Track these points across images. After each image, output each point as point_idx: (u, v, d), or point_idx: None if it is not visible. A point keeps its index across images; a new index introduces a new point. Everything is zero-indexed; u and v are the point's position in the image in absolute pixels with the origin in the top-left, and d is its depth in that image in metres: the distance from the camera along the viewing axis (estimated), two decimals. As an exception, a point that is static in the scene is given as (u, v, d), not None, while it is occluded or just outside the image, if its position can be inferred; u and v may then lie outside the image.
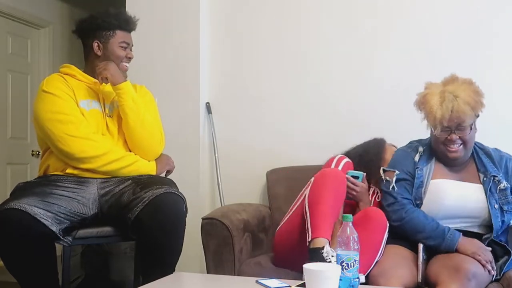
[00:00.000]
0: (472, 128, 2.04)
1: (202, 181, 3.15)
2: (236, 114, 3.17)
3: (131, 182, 2.12)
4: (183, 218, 2.06)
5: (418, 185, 2.10)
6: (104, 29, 2.23)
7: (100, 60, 2.23)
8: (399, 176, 2.13)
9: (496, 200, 2.04)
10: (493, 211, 2.02)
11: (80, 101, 2.16)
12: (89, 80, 2.23)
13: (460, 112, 1.96)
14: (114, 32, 2.24)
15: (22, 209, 1.86)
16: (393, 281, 1.83)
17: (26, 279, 1.97)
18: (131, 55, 2.29)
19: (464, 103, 1.97)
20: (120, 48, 2.24)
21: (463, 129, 2.01)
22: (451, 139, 2.02)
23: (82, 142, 2.08)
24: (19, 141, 4.49)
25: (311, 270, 1.47)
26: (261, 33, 3.15)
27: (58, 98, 2.12)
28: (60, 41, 4.77)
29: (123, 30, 2.26)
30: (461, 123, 1.99)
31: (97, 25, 2.23)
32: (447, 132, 2.02)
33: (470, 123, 2.01)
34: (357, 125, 2.84)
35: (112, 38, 2.23)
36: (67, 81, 2.18)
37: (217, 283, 1.87)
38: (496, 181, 2.05)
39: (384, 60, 2.90)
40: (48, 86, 2.15)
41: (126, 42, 2.26)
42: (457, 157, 2.06)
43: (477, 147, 2.15)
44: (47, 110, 2.10)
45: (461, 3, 2.80)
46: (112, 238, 2.16)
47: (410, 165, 2.14)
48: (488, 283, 1.93)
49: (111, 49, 2.23)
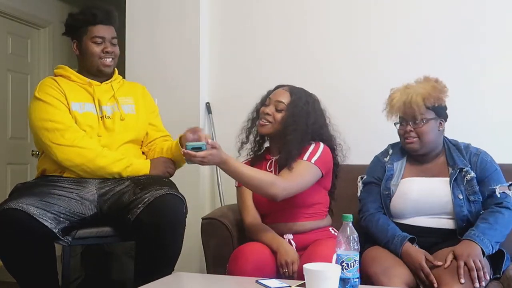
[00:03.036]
0: (429, 123, 2.09)
1: (202, 181, 3.15)
2: (236, 114, 3.16)
3: (130, 182, 2.12)
4: (183, 219, 2.06)
5: (387, 178, 2.17)
6: (76, 27, 2.21)
7: (82, 59, 2.22)
8: (366, 180, 2.24)
9: (462, 191, 2.06)
10: (456, 201, 2.04)
11: (72, 104, 2.14)
12: (83, 80, 2.22)
13: (412, 103, 2.06)
14: (86, 28, 2.18)
15: (21, 209, 1.86)
16: (394, 280, 1.84)
17: (25, 279, 1.97)
18: (109, 49, 2.20)
19: (417, 94, 2.08)
20: (94, 44, 2.18)
21: (417, 121, 2.08)
22: (406, 131, 2.11)
23: (67, 150, 2.06)
24: (19, 141, 4.49)
25: (311, 270, 1.47)
26: (261, 33, 3.15)
27: (48, 105, 2.11)
28: (60, 41, 4.76)
29: (94, 25, 2.18)
30: (415, 115, 2.07)
31: (69, 24, 2.23)
32: (403, 125, 2.13)
33: (423, 116, 2.08)
34: (358, 124, 2.84)
35: (84, 35, 2.19)
36: (59, 84, 2.17)
37: (217, 283, 1.87)
38: (463, 173, 2.08)
39: (382, 61, 2.90)
40: (40, 92, 2.15)
41: (99, 36, 2.18)
42: (413, 149, 2.13)
43: (450, 143, 2.19)
44: (38, 118, 2.11)
45: (453, 7, 2.80)
46: (111, 238, 2.16)
47: (379, 170, 2.22)
48: (488, 282, 1.93)
49: (85, 47, 2.20)
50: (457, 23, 2.79)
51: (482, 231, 1.94)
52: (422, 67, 2.74)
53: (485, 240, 1.91)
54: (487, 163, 2.11)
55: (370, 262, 1.96)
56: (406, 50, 2.87)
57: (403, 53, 2.87)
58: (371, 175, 2.23)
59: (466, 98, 2.66)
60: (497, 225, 1.96)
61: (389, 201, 2.15)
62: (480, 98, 2.74)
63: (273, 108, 2.16)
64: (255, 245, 2.05)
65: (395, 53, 2.89)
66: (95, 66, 2.21)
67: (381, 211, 2.16)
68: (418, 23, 2.86)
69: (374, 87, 2.88)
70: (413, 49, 2.86)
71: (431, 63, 2.78)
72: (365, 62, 2.94)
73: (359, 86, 2.93)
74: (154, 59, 3.20)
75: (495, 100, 2.73)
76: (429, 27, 2.84)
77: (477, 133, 2.59)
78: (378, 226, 2.09)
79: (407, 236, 2.01)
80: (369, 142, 2.60)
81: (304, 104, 2.15)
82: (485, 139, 2.44)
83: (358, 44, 2.96)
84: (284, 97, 2.17)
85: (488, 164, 2.11)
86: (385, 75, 2.84)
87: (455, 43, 2.79)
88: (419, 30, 2.86)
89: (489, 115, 2.72)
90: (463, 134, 2.29)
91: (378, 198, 2.18)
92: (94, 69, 2.22)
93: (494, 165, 2.13)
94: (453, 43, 2.79)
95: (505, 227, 1.99)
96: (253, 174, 1.98)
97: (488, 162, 2.11)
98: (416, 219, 2.10)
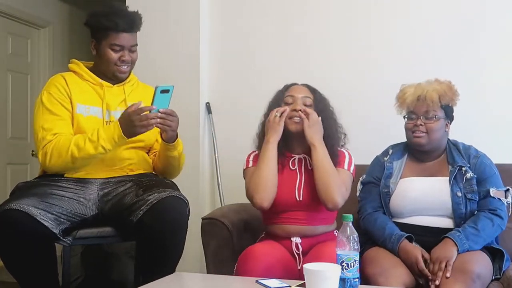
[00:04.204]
0: (439, 120, 2.10)
1: (202, 181, 3.15)
2: (236, 114, 3.17)
3: (133, 184, 2.12)
4: (185, 221, 2.05)
5: (386, 176, 2.18)
6: (97, 28, 2.13)
7: (99, 61, 2.17)
8: (365, 180, 2.25)
9: (461, 188, 2.06)
10: (454, 198, 2.05)
11: (77, 106, 2.12)
12: (95, 80, 2.18)
13: (427, 98, 2.07)
14: (106, 33, 2.10)
15: (22, 210, 1.86)
16: (392, 280, 1.83)
17: (26, 279, 1.97)
18: (126, 57, 2.14)
19: (433, 90, 2.09)
20: (112, 50, 2.12)
21: (429, 117, 2.09)
22: (416, 125, 2.11)
23: (41, 154, 2.06)
24: (19, 141, 4.49)
25: (311, 270, 1.47)
26: (261, 33, 3.15)
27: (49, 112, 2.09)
28: (60, 41, 4.77)
29: (117, 32, 2.10)
30: (428, 110, 2.09)
31: (92, 23, 2.14)
32: (414, 119, 2.13)
33: (436, 113, 2.09)
34: (358, 125, 2.84)
35: (104, 40, 2.11)
36: (67, 83, 2.14)
37: (217, 283, 1.87)
38: (462, 171, 2.09)
39: (382, 61, 2.90)
40: (45, 93, 2.12)
41: (118, 44, 2.11)
42: (420, 143, 2.13)
43: (451, 143, 2.20)
44: (38, 125, 2.10)
45: (454, 7, 2.80)
46: (112, 238, 2.16)
47: (379, 170, 2.22)
48: (489, 282, 1.93)
49: (102, 51, 2.13)
50: (458, 23, 2.80)
51: (467, 236, 1.95)
52: (422, 67, 2.77)
53: (466, 245, 1.93)
54: (486, 166, 2.11)
55: (368, 263, 1.96)
56: (406, 50, 2.87)
57: (403, 53, 2.87)
58: (370, 175, 2.24)
59: (466, 98, 2.63)
60: (483, 232, 1.98)
61: (388, 200, 2.15)
62: (480, 98, 2.73)
63: (302, 105, 2.09)
64: (265, 246, 2.02)
65: (395, 53, 2.89)
66: (111, 72, 2.17)
67: (379, 211, 2.16)
68: (418, 23, 2.86)
69: (374, 88, 2.89)
70: (413, 49, 2.86)
71: (432, 63, 2.78)
72: (365, 62, 2.94)
73: (359, 87, 2.93)
74: (154, 59, 3.19)
75: (495, 100, 2.73)
76: (429, 27, 2.84)
77: (477, 133, 2.59)
78: (376, 225, 2.10)
79: (404, 234, 2.02)
80: (369, 143, 2.59)
81: (325, 99, 2.18)
82: (485, 139, 2.45)
83: (358, 44, 2.96)
84: (307, 92, 2.14)
85: (487, 167, 2.11)
86: (386, 75, 2.84)
87: (455, 43, 2.79)
88: (419, 30, 2.86)
89: (489, 115, 2.72)
90: (463, 134, 2.29)
91: (377, 197, 2.18)
92: (110, 74, 2.18)
93: (493, 169, 2.12)
94: (453, 43, 2.79)
95: (489, 236, 2.01)
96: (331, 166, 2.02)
97: (487, 166, 2.11)
98: (416, 218, 2.10)
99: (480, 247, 1.98)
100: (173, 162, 2.23)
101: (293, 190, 2.08)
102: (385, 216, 2.14)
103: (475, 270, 1.84)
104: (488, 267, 1.94)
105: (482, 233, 1.97)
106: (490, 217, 2.01)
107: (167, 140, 2.13)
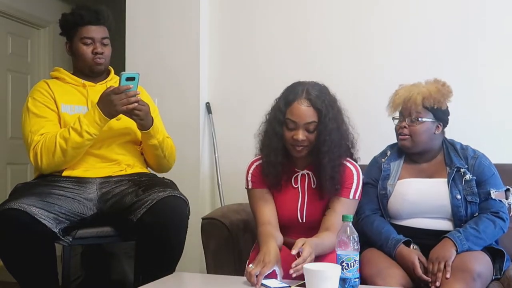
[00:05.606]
0: (423, 123, 2.08)
1: (202, 181, 3.15)
2: (236, 114, 3.17)
3: (132, 183, 2.12)
4: (186, 221, 2.05)
5: (384, 178, 2.16)
6: (67, 27, 2.21)
7: (75, 60, 2.22)
8: (363, 181, 2.17)
9: (460, 190, 2.05)
10: (454, 201, 2.03)
11: (62, 106, 2.15)
12: (77, 81, 2.22)
13: (411, 100, 2.07)
14: (75, 28, 2.17)
15: (21, 209, 1.85)
16: (389, 280, 1.83)
17: (26, 279, 1.97)
18: (99, 49, 2.17)
19: (418, 93, 2.07)
20: (83, 45, 2.17)
21: (412, 119, 2.09)
22: (400, 126, 2.12)
23: (32, 155, 2.07)
24: (19, 141, 4.44)
25: (311, 270, 1.47)
26: (262, 32, 3.15)
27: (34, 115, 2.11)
28: (60, 41, 4.75)
29: (83, 25, 2.16)
30: (411, 111, 2.08)
31: (61, 23, 2.23)
32: (400, 121, 2.13)
33: (420, 115, 2.07)
34: (359, 125, 2.83)
35: (74, 37, 2.18)
36: (50, 87, 2.17)
37: (217, 283, 1.87)
38: (461, 173, 2.07)
39: (383, 61, 2.90)
40: (30, 100, 2.15)
41: (88, 37, 2.16)
42: (404, 146, 2.13)
43: (448, 144, 2.18)
44: (28, 131, 2.11)
45: (454, 7, 2.80)
46: (112, 238, 2.15)
47: (376, 171, 2.21)
48: (489, 282, 1.93)
49: (75, 48, 2.19)
50: (458, 24, 2.80)
51: (467, 237, 1.94)
52: (422, 67, 2.77)
53: (465, 245, 1.93)
54: (485, 167, 2.09)
55: (365, 264, 1.94)
56: (407, 50, 2.87)
57: (404, 53, 2.87)
58: (368, 176, 2.22)
59: (466, 99, 2.65)
60: (484, 234, 1.97)
61: (386, 201, 2.14)
62: (480, 98, 2.74)
63: (305, 132, 1.92)
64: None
65: (396, 54, 2.89)
66: (87, 67, 2.21)
67: (377, 213, 2.15)
68: (419, 23, 2.86)
69: (375, 88, 2.88)
70: (414, 49, 2.86)
71: (432, 63, 2.78)
72: (367, 62, 2.94)
73: (361, 86, 2.93)
74: (154, 59, 3.20)
75: (495, 100, 2.73)
76: (430, 27, 2.84)
77: (477, 133, 2.59)
78: (373, 229, 2.08)
79: (401, 238, 2.00)
80: (369, 143, 2.59)
81: (329, 111, 1.95)
82: (485, 139, 2.45)
83: (360, 44, 2.96)
84: (310, 114, 1.92)
85: (486, 168, 2.09)
86: (387, 76, 2.83)
87: (455, 43, 2.79)
88: (420, 30, 2.86)
89: (489, 116, 2.72)
90: (463, 135, 2.28)
91: (375, 199, 2.16)
92: (87, 69, 2.22)
93: (492, 169, 2.11)
94: (453, 43, 2.79)
95: (489, 238, 2.00)
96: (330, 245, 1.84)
97: (486, 166, 2.09)
98: (414, 221, 2.09)
99: (480, 248, 1.97)
100: (155, 151, 2.22)
101: (295, 211, 2.01)
102: (382, 219, 2.12)
103: (475, 269, 1.83)
104: (488, 266, 1.93)
105: (483, 234, 1.96)
106: (493, 219, 2.00)
107: (140, 128, 2.14)
